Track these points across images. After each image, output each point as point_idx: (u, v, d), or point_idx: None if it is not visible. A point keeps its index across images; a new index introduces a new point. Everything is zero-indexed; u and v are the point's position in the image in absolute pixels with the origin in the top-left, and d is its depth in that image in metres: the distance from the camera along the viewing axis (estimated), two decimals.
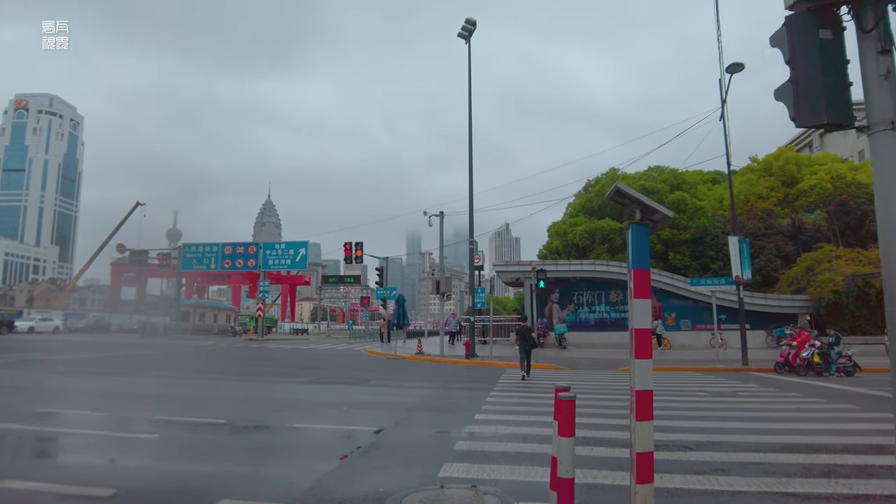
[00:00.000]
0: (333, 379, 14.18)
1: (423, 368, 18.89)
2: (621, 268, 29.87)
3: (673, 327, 29.46)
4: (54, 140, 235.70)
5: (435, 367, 19.64)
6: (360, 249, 32.87)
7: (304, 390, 11.91)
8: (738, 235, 37.62)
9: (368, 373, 16.71)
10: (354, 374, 15.62)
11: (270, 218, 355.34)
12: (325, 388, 12.15)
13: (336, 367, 18.59)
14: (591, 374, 16.87)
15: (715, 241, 36.95)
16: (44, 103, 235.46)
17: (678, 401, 10.79)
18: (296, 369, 17.47)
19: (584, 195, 41.88)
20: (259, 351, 27.38)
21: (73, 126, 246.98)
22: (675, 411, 9.29)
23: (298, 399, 10.51)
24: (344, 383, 13.07)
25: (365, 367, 19.41)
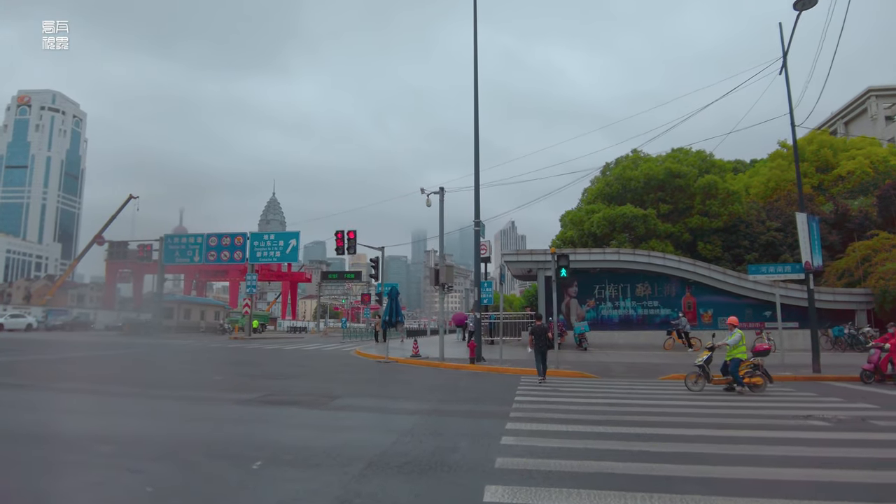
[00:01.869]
0: (290, 394, 10.47)
1: (416, 377, 15.16)
2: (650, 257, 26.03)
3: (709, 325, 25.59)
4: (57, 137, 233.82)
5: (432, 374, 15.92)
6: (352, 233, 29.05)
7: (228, 417, 8.20)
8: (776, 222, 33.86)
9: (343, 384, 13.00)
10: (322, 388, 11.90)
11: (275, 216, 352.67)
12: (262, 414, 8.43)
13: (305, 376, 14.88)
14: (632, 385, 13.10)
15: (749, 229, 33.04)
16: (46, 100, 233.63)
17: (802, 438, 7.00)
18: (254, 378, 13.79)
19: (601, 180, 37.98)
20: (232, 353, 23.74)
21: (75, 122, 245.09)
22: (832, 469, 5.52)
23: (197, 438, 6.79)
24: (298, 403, 9.36)
25: (343, 374, 15.71)
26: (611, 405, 9.69)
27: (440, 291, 19.50)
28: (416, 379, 14.55)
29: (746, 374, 11.80)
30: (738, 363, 11.87)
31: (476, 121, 18.98)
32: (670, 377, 15.40)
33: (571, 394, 11.38)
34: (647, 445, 6.35)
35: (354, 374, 15.50)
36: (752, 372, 11.84)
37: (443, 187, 20.44)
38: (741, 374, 11.76)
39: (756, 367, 11.98)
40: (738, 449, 6.29)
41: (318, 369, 17.27)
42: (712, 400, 10.76)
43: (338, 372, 16.32)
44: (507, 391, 11.73)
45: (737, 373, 11.80)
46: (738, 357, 11.91)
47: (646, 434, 7.05)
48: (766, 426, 7.91)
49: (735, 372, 11.81)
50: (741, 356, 11.90)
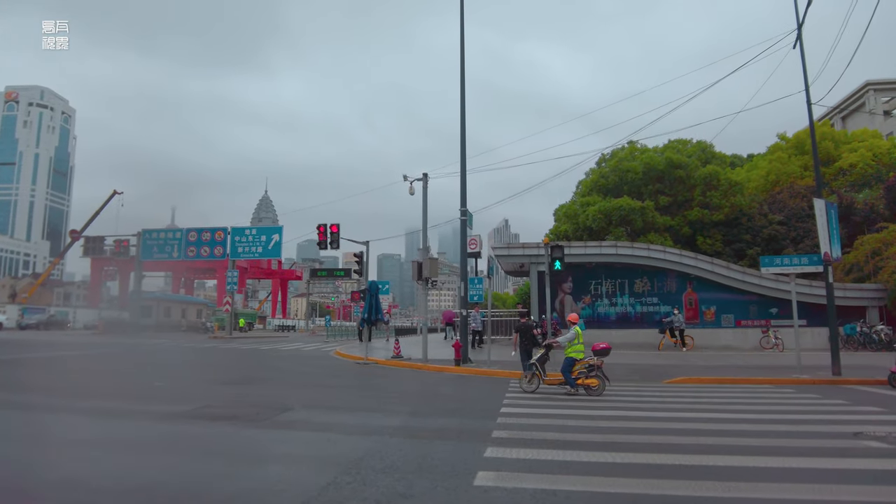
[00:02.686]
0: (233, 406, 8.84)
1: (393, 382, 13.53)
2: (649, 251, 24.48)
3: (712, 323, 24.09)
4: (45, 133, 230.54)
5: (411, 378, 14.29)
6: (335, 227, 27.31)
7: (128, 440, 6.55)
8: (778, 216, 32.42)
9: (304, 392, 11.34)
10: (277, 396, 10.25)
11: (267, 214, 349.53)
12: (179, 435, 6.80)
13: (266, 381, 13.20)
14: (637, 392, 11.51)
15: (751, 223, 31.57)
16: (35, 96, 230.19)
17: (872, 470, 5.42)
18: (204, 385, 12.12)
19: (596, 171, 36.39)
20: (201, 354, 22.03)
21: (64, 119, 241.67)
22: None
23: (42, 477, 5.15)
24: (235, 419, 7.72)
25: (311, 379, 14.06)
26: (616, 419, 8.10)
27: (423, 286, 17.87)
28: (391, 384, 12.92)
29: (581, 375, 10.86)
30: (572, 363, 11.00)
31: (462, 98, 17.35)
32: (678, 381, 13.84)
33: (567, 402, 9.78)
34: (681, 487, 4.75)
35: (324, 379, 13.85)
36: (586, 373, 10.87)
37: (426, 174, 18.82)
38: (574, 374, 10.90)
39: (592, 368, 10.93)
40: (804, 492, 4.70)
41: (287, 372, 15.61)
42: (718, 411, 9.18)
43: (306, 376, 14.68)
44: (493, 399, 10.12)
45: (568, 373, 10.92)
46: (573, 356, 11.05)
47: (673, 466, 5.46)
48: (817, 451, 6.33)
49: (566, 372, 10.94)
50: (576, 355, 11.05)
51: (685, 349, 21.60)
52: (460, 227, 17.27)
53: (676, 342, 21.81)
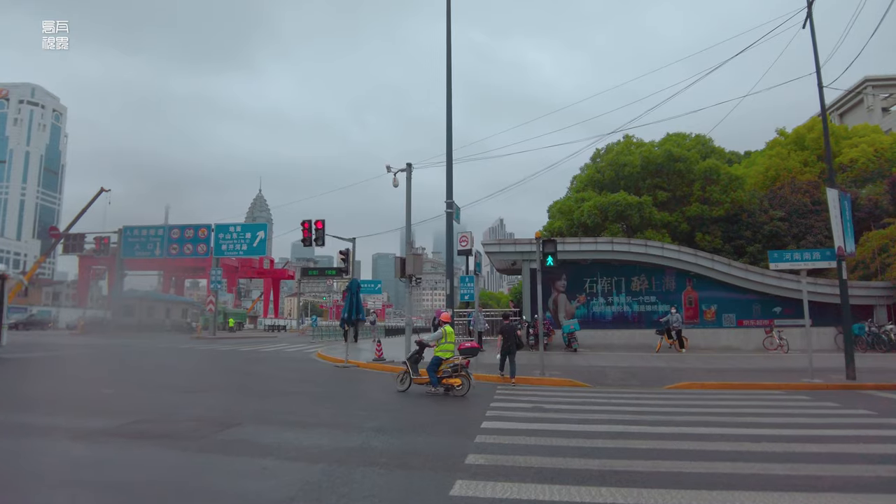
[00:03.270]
0: (170, 420, 7.66)
1: (368, 388, 12.35)
2: (646, 247, 23.35)
3: (713, 323, 22.97)
4: (36, 131, 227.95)
5: (388, 384, 13.09)
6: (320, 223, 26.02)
7: None
8: (780, 211, 31.39)
9: (263, 401, 10.12)
10: (227, 408, 9.06)
11: (262, 213, 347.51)
12: (94, 454, 5.63)
13: (228, 388, 11.99)
14: (637, 399, 10.35)
15: (752, 219, 30.48)
16: (25, 93, 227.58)
17: None
18: (154, 392, 10.87)
19: (591, 166, 35.25)
20: (174, 356, 20.79)
21: (55, 117, 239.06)
22: None
23: None
24: (165, 437, 6.53)
25: (279, 385, 12.82)
26: (616, 436, 6.94)
27: (407, 284, 16.67)
28: (366, 391, 11.73)
29: (445, 374, 10.83)
30: (439, 362, 10.95)
31: (448, 83, 16.18)
32: (680, 386, 12.69)
33: (560, 414, 8.61)
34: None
35: (293, 385, 12.63)
36: (450, 372, 10.84)
37: (410, 164, 17.61)
38: (439, 373, 10.86)
39: (457, 367, 10.88)
40: None
41: (255, 377, 14.38)
42: (731, 425, 8.03)
43: (274, 381, 13.44)
44: (475, 410, 8.95)
45: (433, 372, 10.89)
46: (439, 356, 11.01)
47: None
48: (864, 483, 5.18)
49: (431, 371, 10.91)
50: (442, 354, 10.99)
51: (683, 350, 20.47)
52: (446, 220, 16.08)
53: (673, 343, 20.65)
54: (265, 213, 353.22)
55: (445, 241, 16.08)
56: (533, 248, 23.64)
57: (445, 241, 16.08)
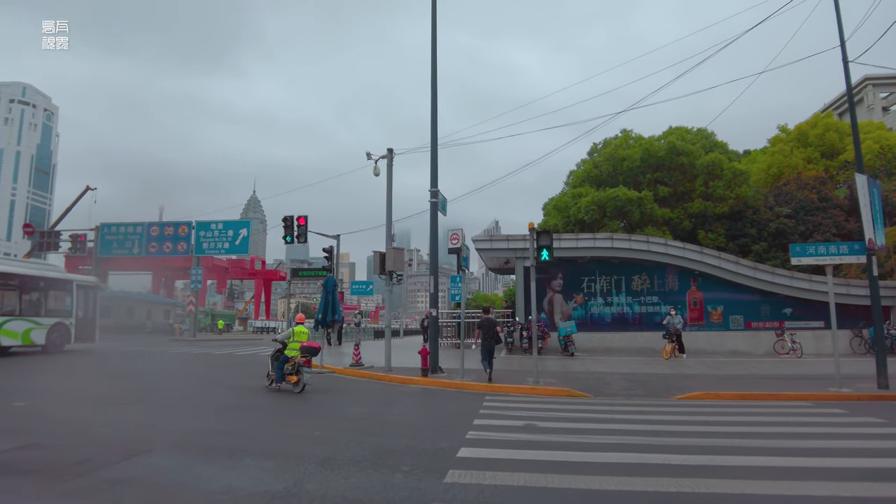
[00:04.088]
0: (76, 443, 6.03)
1: (336, 399, 10.74)
2: (648, 244, 21.84)
3: (719, 325, 21.45)
4: (27, 130, 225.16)
5: (362, 393, 11.50)
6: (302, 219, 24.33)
7: None
8: (785, 208, 29.96)
9: (205, 415, 8.51)
10: (156, 424, 7.46)
11: (255, 214, 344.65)
12: None
13: (167, 399, 10.33)
14: (643, 413, 8.77)
15: (757, 216, 29.01)
16: (16, 92, 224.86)
17: None
18: (79, 403, 9.22)
19: (588, 162, 33.73)
20: (135, 359, 19.09)
21: (47, 116, 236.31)
22: None
23: None
24: (40, 472, 4.98)
25: (228, 397, 11.17)
26: (632, 469, 5.37)
27: (387, 281, 15.06)
28: (330, 403, 10.10)
29: (287, 372, 11.30)
30: (286, 360, 11.35)
31: (434, 54, 14.60)
32: (692, 396, 11.13)
33: (558, 435, 7.02)
34: None
35: (247, 396, 10.99)
36: (290, 370, 11.31)
37: (391, 149, 16.01)
38: (284, 371, 11.34)
39: (296, 366, 11.28)
40: None
41: (209, 385, 12.75)
42: (764, 452, 6.46)
43: (227, 392, 11.79)
44: (455, 429, 7.34)
45: (279, 370, 11.36)
46: (287, 354, 11.44)
47: None
48: None
49: (279, 368, 11.38)
50: (289, 353, 11.43)
51: (683, 355, 18.80)
52: (430, 210, 14.46)
53: (674, 347, 18.96)
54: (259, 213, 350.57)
55: (430, 233, 14.44)
56: (526, 245, 22.07)
57: (430, 233, 14.44)
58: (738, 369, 15.87)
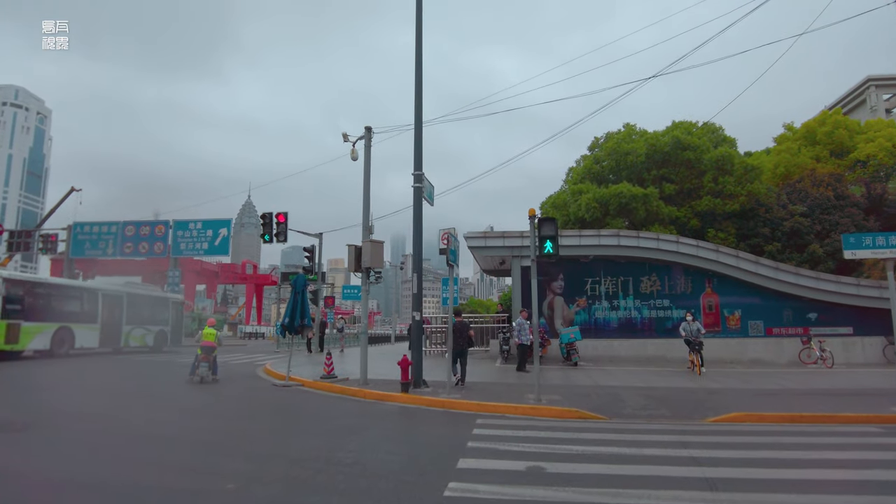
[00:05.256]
0: None
1: (287, 422, 8.64)
2: (658, 241, 19.84)
3: (737, 332, 19.42)
4: (19, 133, 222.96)
5: (324, 412, 9.39)
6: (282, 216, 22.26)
7: None
8: (800, 206, 28.05)
9: (107, 447, 6.38)
10: (26, 457, 5.33)
11: (250, 219, 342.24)
12: None
13: (74, 422, 8.17)
14: (679, 441, 6.68)
15: (770, 214, 27.06)
16: (9, 95, 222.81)
17: None
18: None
19: (589, 157, 31.75)
20: (83, 365, 16.88)
21: (39, 119, 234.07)
22: None
23: None
24: None
25: (170, 416, 9.04)
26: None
27: (363, 279, 12.97)
28: (279, 428, 8.00)
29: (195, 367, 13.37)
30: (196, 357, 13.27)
31: (419, 18, 12.58)
32: (729, 418, 9.08)
33: (576, 490, 4.96)
34: None
35: (188, 417, 8.86)
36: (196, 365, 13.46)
37: (369, 128, 13.95)
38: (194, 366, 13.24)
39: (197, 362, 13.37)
40: None
41: (142, 400, 10.60)
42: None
43: (154, 411, 9.65)
44: (432, 478, 5.27)
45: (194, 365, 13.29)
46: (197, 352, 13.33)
47: None
48: None
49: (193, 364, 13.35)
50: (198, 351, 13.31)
51: (703, 369, 15.57)
52: (414, 197, 12.38)
53: (692, 360, 15.75)
54: (254, 218, 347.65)
55: (413, 224, 12.35)
56: (524, 243, 20.02)
57: (413, 224, 12.35)
58: (768, 382, 13.82)
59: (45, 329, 19.67)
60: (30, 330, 18.99)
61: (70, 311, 21.21)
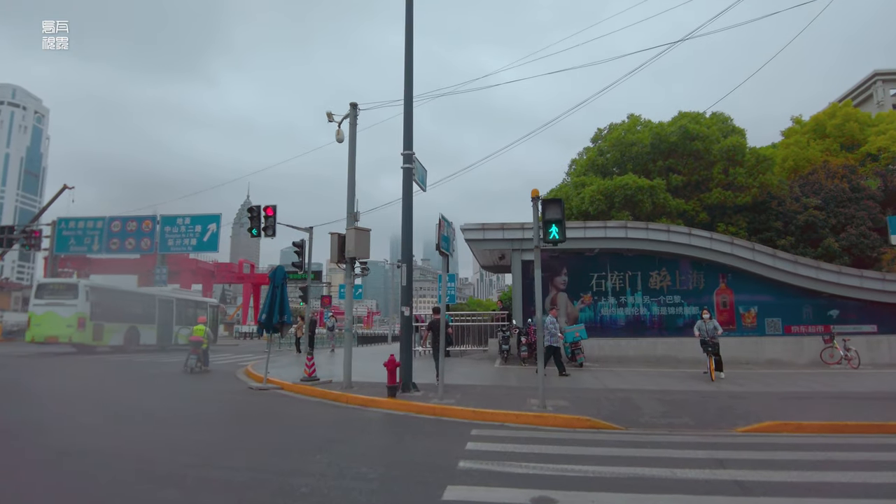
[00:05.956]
0: None
1: (259, 434, 7.36)
2: (669, 234, 18.58)
3: (753, 330, 18.15)
4: (17, 133, 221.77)
5: (290, 428, 8.13)
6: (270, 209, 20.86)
7: None
8: (814, 199, 26.82)
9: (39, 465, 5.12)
10: None
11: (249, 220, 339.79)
12: None
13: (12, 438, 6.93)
14: (713, 459, 5.40)
15: (783, 207, 25.82)
16: (6, 94, 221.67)
17: None
18: None
19: (592, 149, 30.48)
20: (46, 366, 15.62)
21: (37, 119, 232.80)
22: None
23: None
24: None
25: (116, 427, 7.77)
26: None
27: (347, 269, 11.72)
28: (241, 439, 6.73)
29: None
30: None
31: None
32: (762, 427, 7.82)
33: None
34: None
35: (125, 423, 7.60)
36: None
37: (355, 104, 12.68)
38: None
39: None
40: None
41: (115, 404, 9.33)
42: None
43: (94, 414, 8.38)
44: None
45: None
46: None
47: None
48: None
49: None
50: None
51: (721, 375, 13.48)
52: (403, 179, 11.11)
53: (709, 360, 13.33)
54: None
55: (402, 209, 11.07)
56: (525, 236, 18.76)
57: (402, 209, 11.07)
58: (793, 385, 12.57)
59: (119, 328, 23.47)
60: (110, 329, 22.86)
61: (136, 313, 24.81)
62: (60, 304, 21.18)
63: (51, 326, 20.97)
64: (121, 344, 23.37)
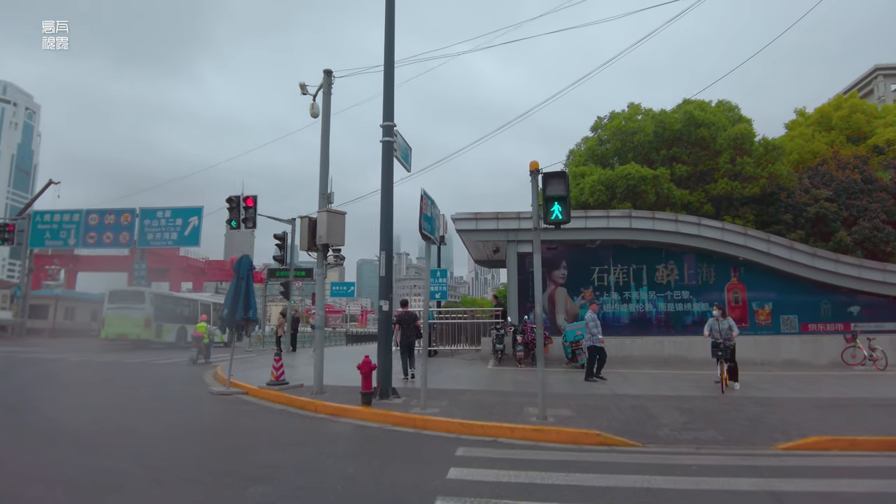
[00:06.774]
0: None
1: (187, 460, 5.89)
2: (677, 224, 17.20)
3: (768, 328, 16.80)
4: (7, 129, 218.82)
5: (234, 447, 6.70)
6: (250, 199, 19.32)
7: None
8: (825, 191, 25.52)
9: None
10: None
11: None
12: None
13: None
14: (758, 492, 4.02)
15: (792, 199, 24.50)
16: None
17: None
18: None
19: (592, 139, 29.08)
20: None
21: (28, 115, 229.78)
22: None
23: None
24: None
25: None
26: None
27: (318, 257, 10.29)
28: (179, 458, 5.29)
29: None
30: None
31: None
32: (807, 444, 6.43)
33: None
34: None
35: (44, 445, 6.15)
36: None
37: (329, 71, 11.20)
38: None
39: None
40: None
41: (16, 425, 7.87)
42: None
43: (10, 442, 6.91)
44: None
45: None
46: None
47: None
48: None
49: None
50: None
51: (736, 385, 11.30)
52: (382, 153, 9.67)
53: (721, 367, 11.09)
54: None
55: (381, 186, 9.63)
56: (521, 226, 17.35)
57: (381, 186, 9.63)
58: (822, 389, 11.21)
59: (173, 328, 27.04)
60: (168, 328, 26.60)
61: (183, 314, 28.14)
62: (130, 307, 24.69)
63: (122, 326, 24.40)
64: (173, 341, 26.69)
